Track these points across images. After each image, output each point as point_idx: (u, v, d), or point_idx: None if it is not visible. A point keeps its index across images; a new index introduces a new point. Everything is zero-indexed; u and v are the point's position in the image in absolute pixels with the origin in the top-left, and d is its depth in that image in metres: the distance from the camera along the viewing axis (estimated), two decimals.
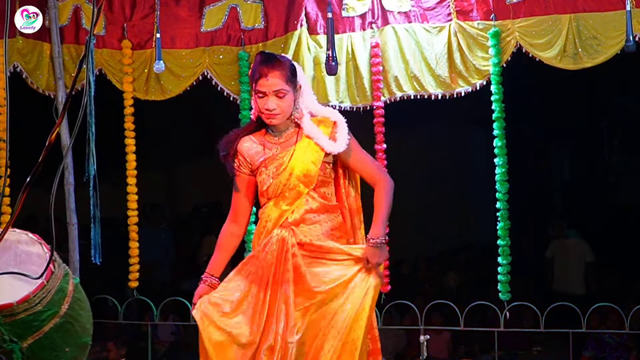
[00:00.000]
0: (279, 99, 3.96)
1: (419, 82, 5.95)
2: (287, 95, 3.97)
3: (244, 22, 6.19)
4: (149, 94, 6.36)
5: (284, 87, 3.95)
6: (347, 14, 6.04)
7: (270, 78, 3.94)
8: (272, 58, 3.99)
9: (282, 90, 3.95)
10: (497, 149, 5.82)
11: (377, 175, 4.08)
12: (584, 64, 5.62)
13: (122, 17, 6.34)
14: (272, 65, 3.96)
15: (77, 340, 3.19)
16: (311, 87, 6.00)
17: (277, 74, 3.95)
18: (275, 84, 3.95)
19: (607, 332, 7.54)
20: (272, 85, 3.95)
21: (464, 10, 5.87)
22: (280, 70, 3.95)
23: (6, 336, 3.16)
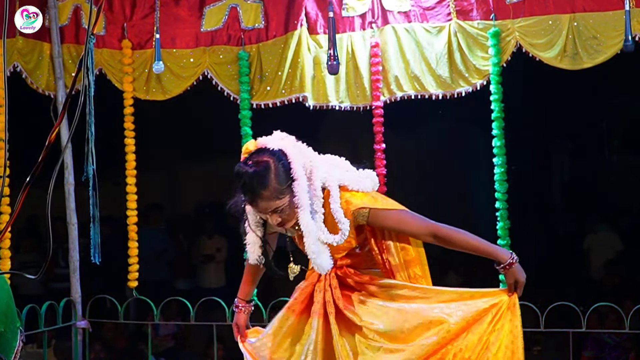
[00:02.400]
0: (279, 213, 3.55)
1: (419, 82, 5.96)
2: (284, 206, 3.53)
3: (244, 22, 6.19)
4: (149, 94, 6.36)
5: (278, 205, 3.51)
6: (347, 13, 6.04)
7: (259, 204, 3.53)
8: (252, 182, 3.49)
9: (277, 208, 3.53)
10: (497, 148, 5.82)
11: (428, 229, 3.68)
12: (584, 64, 5.63)
13: (122, 17, 6.34)
14: (254, 195, 3.51)
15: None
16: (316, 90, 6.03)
17: (265, 198, 3.51)
18: (267, 207, 3.53)
19: (607, 332, 7.53)
20: (265, 209, 3.55)
21: (463, 10, 5.87)
22: (265, 192, 3.49)
23: None
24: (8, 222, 2.80)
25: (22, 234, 10.04)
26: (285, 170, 3.52)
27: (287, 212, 3.55)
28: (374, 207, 3.63)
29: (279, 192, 3.50)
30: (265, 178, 3.48)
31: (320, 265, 3.61)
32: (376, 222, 3.65)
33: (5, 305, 3.32)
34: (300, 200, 3.53)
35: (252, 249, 3.79)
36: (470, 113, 8.80)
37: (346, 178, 3.69)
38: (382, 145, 6.05)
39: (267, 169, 3.49)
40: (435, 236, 3.66)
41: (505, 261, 3.69)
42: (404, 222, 3.66)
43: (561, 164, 13.25)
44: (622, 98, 11.43)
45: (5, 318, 3.31)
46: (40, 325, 6.05)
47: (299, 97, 6.08)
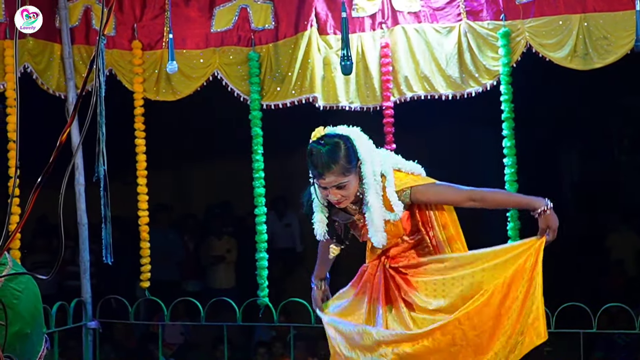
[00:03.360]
0: (341, 189, 3.98)
1: (429, 83, 5.96)
2: (348, 183, 3.97)
3: (254, 23, 6.19)
4: (159, 94, 6.37)
5: (343, 181, 3.95)
6: (357, 14, 6.04)
7: (327, 178, 3.94)
8: (323, 158, 3.94)
9: (341, 184, 3.96)
10: (507, 149, 5.81)
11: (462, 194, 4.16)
12: (594, 64, 5.61)
13: (133, 17, 6.35)
14: (324, 167, 3.93)
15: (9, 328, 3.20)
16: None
17: (333, 172, 3.93)
18: (333, 181, 3.95)
19: (618, 332, 7.51)
20: (331, 182, 3.95)
21: (473, 11, 5.87)
22: (335, 167, 3.93)
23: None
24: (19, 222, 2.80)
25: (34, 235, 10.06)
26: (352, 152, 3.96)
27: (348, 191, 3.97)
28: (414, 185, 4.05)
29: (346, 169, 3.92)
30: (336, 154, 3.92)
31: (380, 238, 4.00)
32: (418, 199, 4.06)
33: (33, 307, 3.34)
34: (367, 179, 3.96)
35: (319, 225, 4.17)
36: (480, 113, 8.79)
37: (400, 162, 4.16)
38: (393, 146, 6.05)
39: (338, 147, 3.94)
40: (473, 199, 4.11)
41: (540, 207, 4.09)
42: (443, 193, 4.12)
43: (571, 164, 13.22)
44: (632, 98, 11.39)
45: (33, 320, 3.33)
46: (51, 326, 6.06)
47: (309, 97, 6.08)
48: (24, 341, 3.26)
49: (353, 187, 3.99)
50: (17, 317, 3.21)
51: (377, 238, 4.02)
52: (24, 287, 3.28)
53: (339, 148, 3.96)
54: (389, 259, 4.20)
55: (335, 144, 3.97)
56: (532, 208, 4.11)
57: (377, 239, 4.03)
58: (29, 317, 3.29)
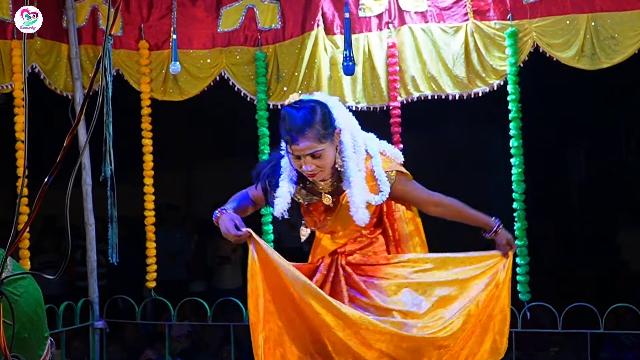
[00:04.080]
0: (316, 158, 3.69)
1: (436, 83, 5.95)
2: (324, 152, 3.69)
3: (261, 23, 6.20)
4: (166, 94, 6.38)
5: (318, 148, 3.67)
6: (364, 14, 6.04)
7: (300, 143, 3.64)
8: (297, 120, 3.64)
9: (316, 152, 3.68)
10: (514, 149, 5.80)
11: (433, 198, 4.05)
12: (602, 64, 5.59)
13: (140, 17, 6.36)
14: (298, 131, 3.64)
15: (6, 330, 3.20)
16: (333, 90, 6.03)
17: (308, 137, 3.64)
18: (308, 148, 3.66)
19: (625, 332, 7.50)
20: (304, 149, 3.66)
21: (480, 10, 5.86)
22: (309, 132, 3.64)
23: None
24: (26, 222, 2.80)
25: (42, 234, 10.08)
26: (329, 117, 3.71)
27: (324, 161, 3.70)
28: (399, 170, 3.90)
29: (322, 135, 3.65)
30: (311, 118, 3.64)
31: (362, 218, 3.75)
32: (398, 187, 3.87)
33: (33, 312, 3.34)
34: (347, 151, 3.73)
35: (281, 202, 3.83)
36: (487, 113, 8.79)
37: (384, 145, 3.98)
38: (400, 146, 6.04)
39: (314, 111, 3.67)
40: (439, 205, 4.01)
41: (493, 227, 4.07)
42: (417, 190, 3.97)
43: (578, 164, 13.20)
44: (639, 98, 11.38)
45: (31, 325, 3.33)
46: (59, 326, 6.07)
47: None
48: (21, 345, 3.26)
49: (329, 157, 3.70)
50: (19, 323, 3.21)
51: (359, 215, 3.74)
52: (23, 291, 3.28)
53: (315, 112, 3.68)
54: (345, 255, 3.97)
55: (311, 107, 3.69)
56: (488, 227, 4.09)
57: (359, 216, 3.74)
58: (27, 321, 3.29)
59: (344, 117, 3.79)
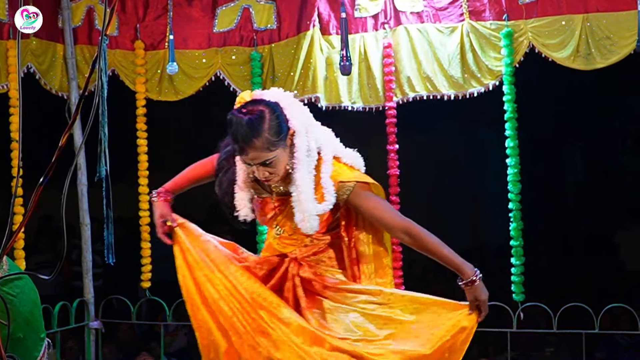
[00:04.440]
0: (268, 166, 3.43)
1: (432, 83, 5.95)
2: (275, 159, 3.41)
3: (257, 23, 6.19)
4: (161, 94, 6.37)
5: (269, 157, 3.40)
6: (360, 14, 6.04)
7: (249, 153, 3.40)
8: (244, 130, 3.36)
9: (267, 160, 3.40)
10: (509, 149, 5.81)
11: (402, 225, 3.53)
12: (597, 64, 5.60)
13: (135, 17, 6.36)
14: (245, 141, 3.37)
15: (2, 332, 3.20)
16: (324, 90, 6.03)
17: (256, 147, 3.38)
18: (257, 157, 3.40)
19: (620, 333, 7.51)
20: (254, 159, 3.41)
21: (476, 11, 5.86)
22: (258, 141, 3.37)
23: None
24: (21, 222, 2.80)
25: (38, 235, 10.07)
26: (279, 122, 3.41)
27: (276, 168, 3.42)
28: (361, 181, 3.51)
29: (271, 143, 3.37)
30: (258, 126, 3.35)
31: (312, 224, 3.46)
32: (355, 201, 3.49)
33: (29, 312, 3.33)
34: (299, 154, 3.43)
35: (243, 204, 3.63)
36: (482, 114, 8.79)
37: (340, 149, 3.62)
38: (395, 146, 6.05)
39: (262, 118, 3.38)
40: (408, 233, 3.50)
41: (468, 277, 3.50)
42: (382, 209, 3.52)
43: (574, 165, 13.23)
44: (635, 98, 11.40)
45: (27, 325, 3.32)
46: (54, 326, 6.07)
47: (312, 97, 6.08)
48: (17, 345, 3.26)
49: (282, 162, 3.43)
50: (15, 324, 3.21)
51: (307, 224, 3.46)
52: (19, 292, 3.27)
53: (263, 118, 3.38)
54: (296, 263, 3.64)
55: (259, 113, 3.39)
56: (460, 273, 3.51)
57: (307, 225, 3.46)
58: (23, 321, 3.29)
59: (299, 116, 3.50)
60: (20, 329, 3.28)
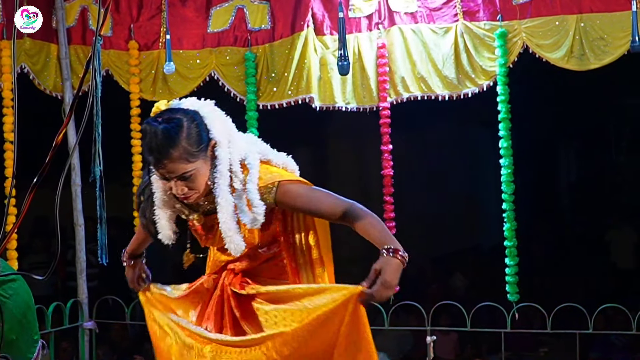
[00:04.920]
0: (187, 180, 3.10)
1: (426, 83, 5.95)
2: (195, 172, 3.09)
3: (251, 23, 6.20)
4: (156, 95, 6.37)
5: (188, 169, 3.08)
6: (354, 14, 6.05)
7: (165, 165, 3.07)
8: (159, 139, 3.03)
9: (185, 174, 3.08)
10: (503, 149, 5.81)
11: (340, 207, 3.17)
12: (591, 65, 5.61)
13: (129, 18, 6.36)
14: (161, 152, 3.05)
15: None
16: (319, 89, 6.03)
17: (173, 159, 3.06)
18: (174, 170, 3.08)
19: (614, 333, 7.52)
20: (172, 172, 3.09)
21: (470, 11, 5.87)
22: (174, 152, 3.05)
23: None
24: (15, 223, 2.80)
25: (32, 235, 10.06)
26: (199, 131, 3.11)
27: (196, 182, 3.11)
28: (283, 179, 3.18)
29: (190, 154, 3.06)
30: (175, 136, 3.04)
31: (236, 245, 3.16)
32: (285, 201, 3.18)
33: (22, 314, 3.34)
34: (220, 167, 3.12)
35: (165, 226, 3.31)
36: (476, 114, 8.80)
37: (269, 152, 3.31)
38: (389, 147, 6.05)
39: (179, 127, 3.07)
40: (347, 217, 3.14)
41: (387, 246, 3.03)
42: (316, 200, 3.18)
43: (568, 165, 13.25)
44: (629, 99, 11.41)
45: (20, 327, 3.33)
46: (47, 326, 6.06)
47: (306, 98, 6.09)
48: (10, 347, 3.26)
49: (202, 176, 3.12)
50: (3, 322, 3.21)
51: (233, 244, 3.16)
52: (12, 294, 3.28)
53: (181, 127, 3.07)
54: (234, 275, 3.40)
55: (176, 122, 3.09)
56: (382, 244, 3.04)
57: (233, 246, 3.17)
58: (16, 323, 3.29)
59: (221, 125, 3.19)
60: (13, 330, 3.29)
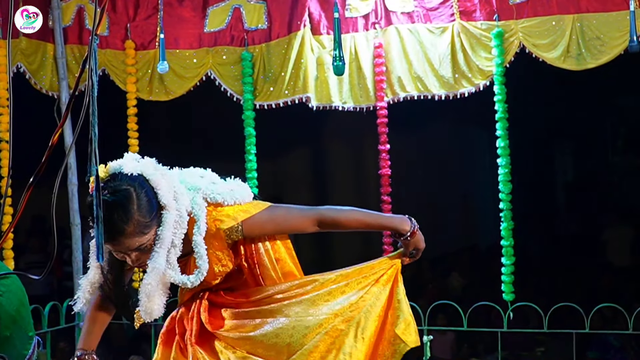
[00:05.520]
0: (141, 251, 2.98)
1: (423, 83, 5.95)
2: (149, 242, 2.96)
3: (248, 23, 6.19)
4: (152, 94, 6.37)
5: (142, 242, 2.94)
6: (351, 14, 6.04)
7: (122, 243, 2.94)
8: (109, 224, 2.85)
9: (141, 246, 2.95)
10: (500, 149, 5.81)
11: (311, 218, 3.17)
12: (588, 65, 5.61)
13: (126, 17, 6.35)
14: (114, 234, 2.93)
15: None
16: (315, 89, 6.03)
17: (127, 236, 2.92)
18: (130, 246, 2.94)
19: (611, 332, 7.52)
20: (127, 248, 2.96)
21: (467, 11, 5.87)
22: (129, 228, 2.91)
23: None
24: (11, 223, 2.79)
25: (28, 234, 10.05)
26: (148, 200, 2.95)
27: (150, 249, 2.98)
28: (245, 219, 3.10)
29: (144, 226, 2.91)
30: (127, 210, 2.89)
31: (149, 310, 3.08)
32: (254, 233, 3.14)
33: (15, 310, 3.32)
34: (163, 233, 2.96)
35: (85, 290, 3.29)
36: (473, 114, 8.80)
37: (219, 191, 3.15)
38: (386, 146, 6.05)
39: (129, 199, 2.91)
40: (322, 222, 3.16)
41: (407, 232, 3.19)
42: (283, 220, 3.15)
43: (564, 165, 13.26)
44: (625, 99, 11.43)
45: (13, 324, 3.31)
46: (44, 326, 6.05)
47: (302, 97, 6.08)
48: (4, 344, 3.25)
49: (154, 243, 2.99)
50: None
51: (148, 306, 3.07)
52: (5, 291, 3.27)
53: (130, 199, 2.91)
54: (210, 293, 3.29)
55: (124, 193, 2.92)
56: (398, 231, 3.20)
57: (147, 309, 3.08)
58: (9, 320, 3.28)
59: (166, 183, 3.03)
60: (7, 327, 3.27)
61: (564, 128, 11.82)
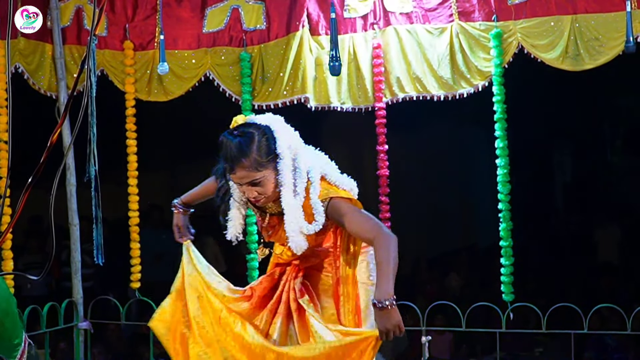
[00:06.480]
0: (256, 186, 3.60)
1: (421, 83, 5.96)
2: (263, 179, 3.58)
3: (246, 23, 6.19)
4: (151, 95, 6.37)
5: (256, 177, 3.56)
6: (349, 14, 6.04)
7: (237, 172, 3.58)
8: (233, 150, 3.56)
9: (255, 180, 3.58)
10: (499, 150, 5.81)
11: (371, 233, 3.54)
12: (586, 65, 5.62)
13: (124, 18, 6.35)
14: (234, 160, 3.55)
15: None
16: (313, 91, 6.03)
17: (244, 167, 3.55)
18: (246, 177, 3.58)
19: (609, 333, 7.53)
20: (242, 178, 3.59)
21: (465, 11, 5.87)
22: (245, 161, 3.54)
23: None
24: (9, 223, 2.79)
25: (26, 235, 10.04)
26: (268, 144, 3.58)
27: (265, 188, 3.60)
28: (336, 196, 3.63)
29: (259, 164, 3.54)
30: (247, 147, 3.54)
31: (298, 244, 3.64)
32: (333, 215, 3.62)
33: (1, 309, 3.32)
34: (283, 178, 3.58)
35: (234, 224, 3.85)
36: (472, 114, 8.80)
37: (328, 169, 3.72)
38: (385, 147, 6.05)
39: (250, 139, 3.56)
40: (376, 239, 3.52)
41: (384, 300, 3.43)
42: (357, 221, 3.58)
43: (563, 165, 13.25)
44: (624, 99, 11.43)
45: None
46: (42, 327, 6.05)
47: (301, 98, 6.09)
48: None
49: (270, 183, 3.59)
50: None
51: (295, 244, 3.64)
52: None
53: (252, 140, 3.56)
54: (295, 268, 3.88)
55: (248, 135, 3.58)
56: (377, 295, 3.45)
57: (294, 244, 3.64)
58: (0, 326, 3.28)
59: (288, 140, 3.63)
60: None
61: (562, 128, 11.80)
